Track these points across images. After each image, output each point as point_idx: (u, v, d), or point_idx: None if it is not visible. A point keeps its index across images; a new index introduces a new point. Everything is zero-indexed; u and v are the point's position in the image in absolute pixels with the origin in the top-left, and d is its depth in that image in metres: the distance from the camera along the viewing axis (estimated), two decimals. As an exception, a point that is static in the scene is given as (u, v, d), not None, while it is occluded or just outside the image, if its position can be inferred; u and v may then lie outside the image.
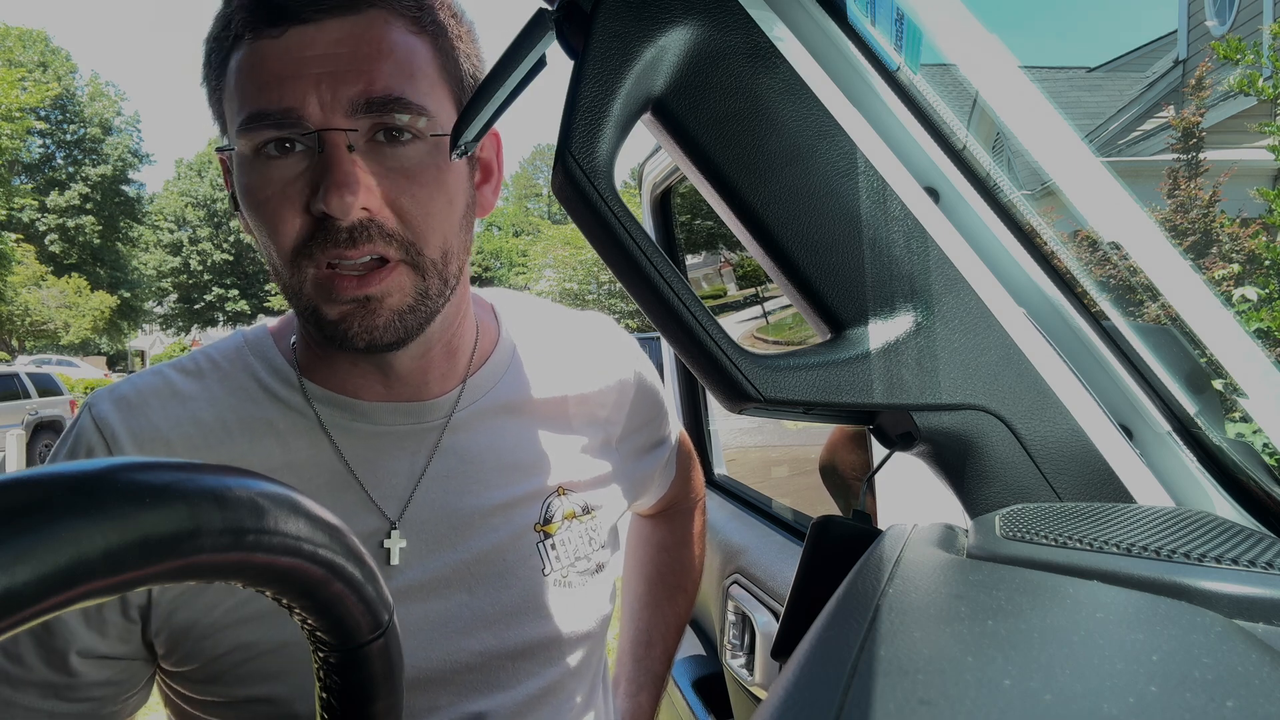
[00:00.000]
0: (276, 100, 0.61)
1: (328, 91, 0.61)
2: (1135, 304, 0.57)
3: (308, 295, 0.65)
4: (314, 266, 0.64)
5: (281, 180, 0.63)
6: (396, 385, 0.75)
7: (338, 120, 0.62)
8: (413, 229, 0.65)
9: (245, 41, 0.63)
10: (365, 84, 0.62)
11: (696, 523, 1.14)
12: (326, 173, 0.61)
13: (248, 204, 0.66)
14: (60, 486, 0.26)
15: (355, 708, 0.42)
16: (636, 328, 21.26)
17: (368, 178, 0.63)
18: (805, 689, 0.27)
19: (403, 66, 0.64)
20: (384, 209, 0.64)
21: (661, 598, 1.10)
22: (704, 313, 0.46)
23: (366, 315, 0.65)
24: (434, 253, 0.67)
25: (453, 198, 0.68)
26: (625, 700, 1.03)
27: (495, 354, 0.82)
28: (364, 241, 0.63)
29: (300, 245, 0.64)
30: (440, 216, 0.67)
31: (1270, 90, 3.95)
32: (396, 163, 0.64)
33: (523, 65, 0.52)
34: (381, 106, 0.62)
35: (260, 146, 0.63)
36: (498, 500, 0.76)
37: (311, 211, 0.63)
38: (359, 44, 0.62)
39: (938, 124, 0.55)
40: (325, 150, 0.62)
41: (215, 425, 0.71)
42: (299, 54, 0.62)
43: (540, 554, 0.78)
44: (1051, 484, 0.51)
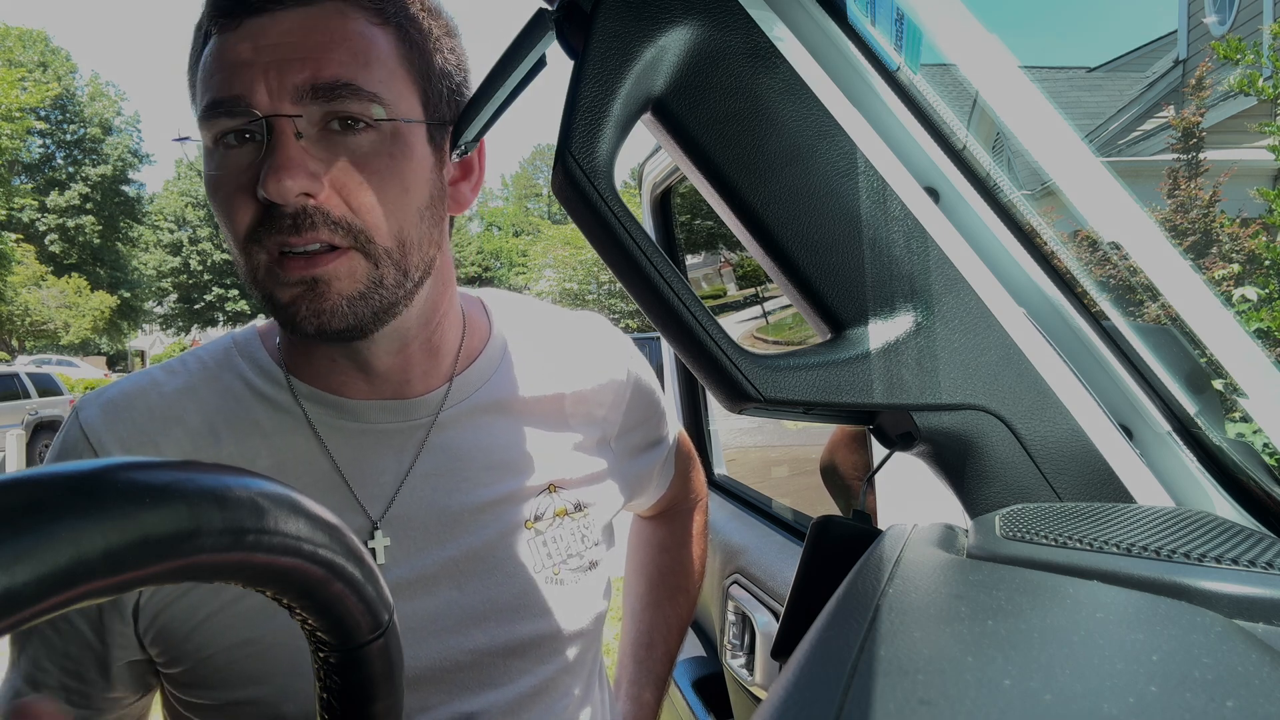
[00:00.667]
0: (227, 88, 0.62)
1: (275, 79, 0.62)
2: (1135, 304, 0.57)
3: (260, 280, 0.66)
4: (264, 252, 0.64)
5: (235, 168, 0.64)
6: (378, 382, 0.75)
7: (285, 107, 0.62)
8: (362, 216, 0.65)
9: (212, 36, 0.64)
10: (313, 70, 0.62)
11: (697, 523, 1.14)
12: (269, 157, 0.62)
13: (209, 193, 0.66)
14: (60, 486, 0.26)
15: (355, 708, 0.42)
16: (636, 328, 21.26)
17: (315, 164, 0.63)
18: (805, 689, 0.27)
19: (356, 55, 0.64)
20: (332, 196, 0.64)
21: (663, 598, 1.10)
22: (704, 313, 0.46)
23: (315, 298, 0.65)
24: (387, 241, 0.66)
25: (408, 187, 0.68)
26: (627, 701, 1.03)
27: (485, 352, 0.82)
28: (308, 229, 0.63)
29: (250, 231, 0.64)
30: (393, 205, 0.66)
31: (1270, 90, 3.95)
32: (347, 150, 0.64)
33: (523, 65, 0.52)
34: (328, 92, 0.62)
35: (219, 137, 0.64)
36: (487, 498, 0.76)
37: (259, 198, 0.63)
38: (310, 33, 0.63)
39: (938, 124, 0.55)
40: (271, 137, 0.62)
41: (202, 428, 0.71)
42: (251, 43, 0.62)
43: (531, 551, 0.78)
44: (1051, 484, 0.51)
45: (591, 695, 0.87)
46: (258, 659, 0.68)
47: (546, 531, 0.79)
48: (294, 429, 0.73)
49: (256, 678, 0.68)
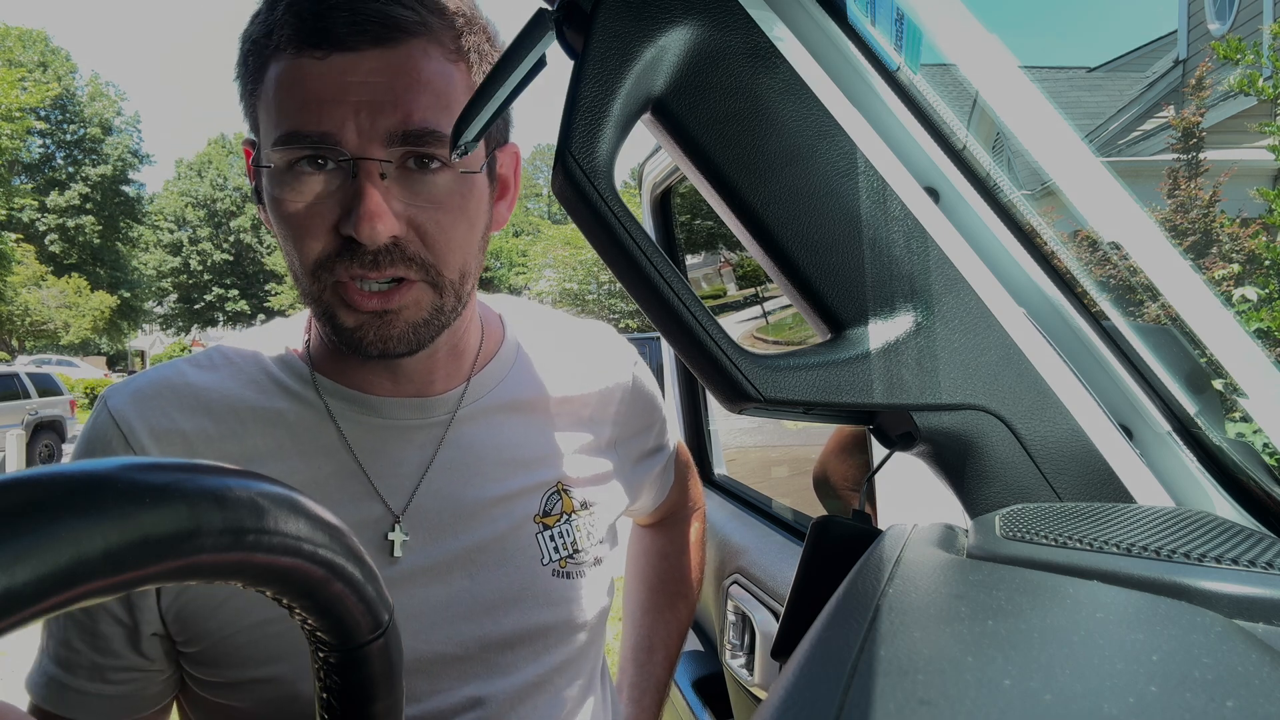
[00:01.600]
0: (315, 123, 0.63)
1: (366, 120, 0.63)
2: (1135, 304, 0.57)
3: (327, 302, 0.68)
4: (335, 279, 0.66)
5: (312, 196, 0.65)
6: (404, 382, 0.77)
7: (374, 149, 0.63)
8: (435, 253, 0.68)
9: (287, 55, 0.64)
10: (403, 116, 0.64)
11: (695, 530, 1.17)
12: (359, 200, 0.63)
13: (276, 213, 0.67)
14: (60, 486, 0.26)
15: (355, 708, 0.42)
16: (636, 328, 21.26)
17: (397, 205, 0.65)
18: (805, 689, 0.27)
19: (439, 98, 0.66)
20: (409, 233, 0.66)
21: (662, 604, 1.12)
22: (704, 313, 0.46)
23: (382, 326, 0.67)
24: (453, 274, 0.70)
25: (474, 222, 0.71)
26: (629, 706, 1.05)
27: (499, 355, 0.85)
28: (387, 265, 0.65)
29: (324, 260, 0.66)
30: (461, 241, 0.70)
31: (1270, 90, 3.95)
32: (425, 189, 0.67)
33: (523, 65, 0.52)
34: (417, 139, 0.64)
35: (294, 162, 0.65)
36: (499, 492, 0.79)
37: (340, 232, 0.65)
38: (398, 75, 0.64)
39: (938, 124, 0.55)
40: (359, 177, 0.64)
41: (229, 417, 0.73)
42: (339, 79, 0.63)
43: (539, 544, 0.81)
44: (1051, 484, 0.51)
45: (594, 689, 0.90)
46: (277, 638, 0.70)
47: (555, 527, 0.82)
48: (317, 423, 0.75)
49: (275, 656, 0.70)
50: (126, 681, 0.72)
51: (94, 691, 0.71)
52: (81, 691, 0.71)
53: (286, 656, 0.70)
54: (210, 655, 0.71)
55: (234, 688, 0.72)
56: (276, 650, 0.70)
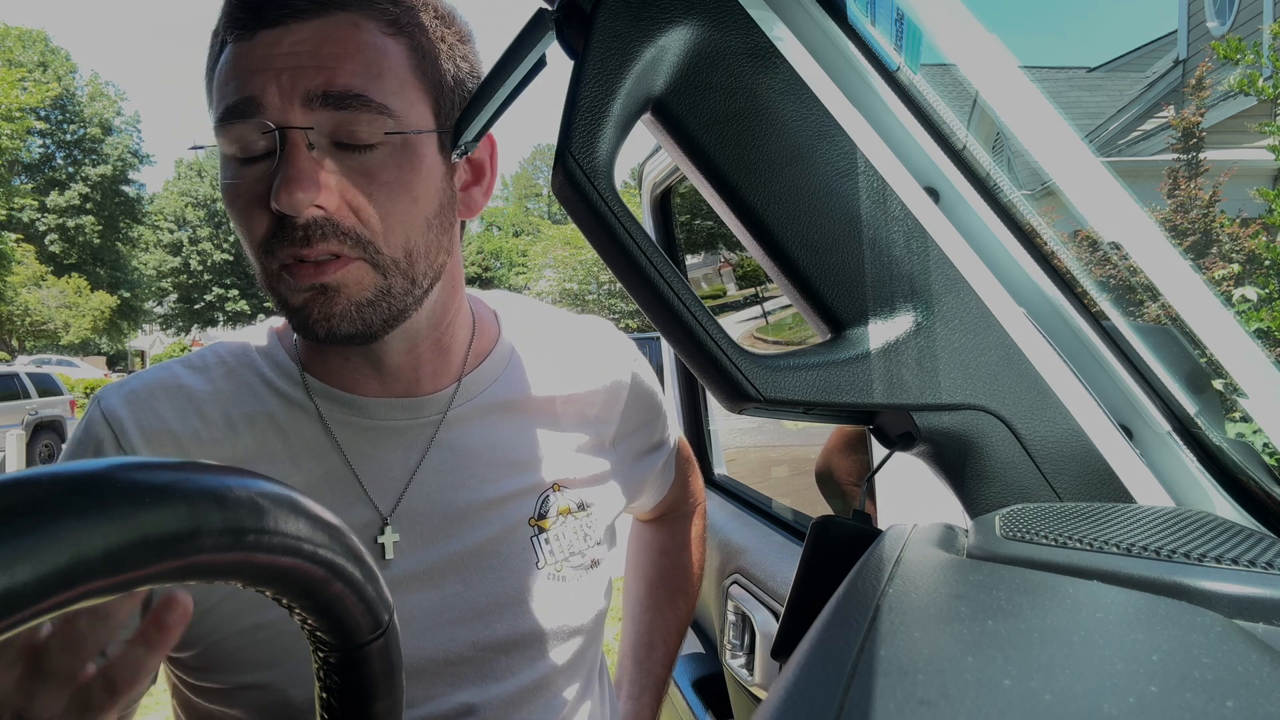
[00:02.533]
0: (239, 92, 0.63)
1: (287, 83, 0.62)
2: (1135, 304, 0.57)
3: (274, 285, 0.67)
4: (276, 261, 0.66)
5: (250, 178, 0.65)
6: (389, 380, 0.76)
7: (295, 113, 0.63)
8: (370, 228, 0.66)
9: (228, 44, 0.65)
10: (326, 78, 0.63)
11: (696, 527, 1.16)
12: (281, 170, 0.63)
13: (225, 200, 0.68)
14: (60, 486, 0.26)
15: (355, 708, 0.42)
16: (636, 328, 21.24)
17: (326, 176, 0.64)
18: (805, 689, 0.27)
19: (369, 65, 0.65)
20: (342, 207, 0.65)
21: (662, 601, 1.11)
22: (704, 313, 0.46)
23: (325, 303, 0.66)
24: (394, 252, 0.67)
25: (417, 197, 0.69)
26: (627, 703, 1.04)
27: (493, 353, 0.83)
28: (318, 240, 0.64)
29: (264, 241, 0.66)
30: (401, 216, 0.67)
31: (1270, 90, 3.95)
32: (357, 162, 0.65)
33: (523, 65, 0.52)
34: (339, 101, 0.63)
35: (234, 145, 0.65)
36: (492, 495, 0.78)
37: (272, 209, 0.64)
38: (323, 43, 0.63)
39: (938, 124, 0.55)
40: (284, 148, 0.63)
41: (220, 419, 0.73)
42: (265, 52, 0.63)
43: (534, 548, 0.79)
44: (1051, 484, 0.51)
45: (591, 692, 0.88)
46: (267, 644, 0.69)
47: (550, 529, 0.81)
48: (307, 424, 0.74)
49: (265, 662, 0.70)
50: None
51: None
52: None
53: (277, 662, 0.69)
54: (201, 661, 0.71)
55: (225, 694, 0.71)
56: (267, 656, 0.69)
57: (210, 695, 0.72)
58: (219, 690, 0.72)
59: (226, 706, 0.72)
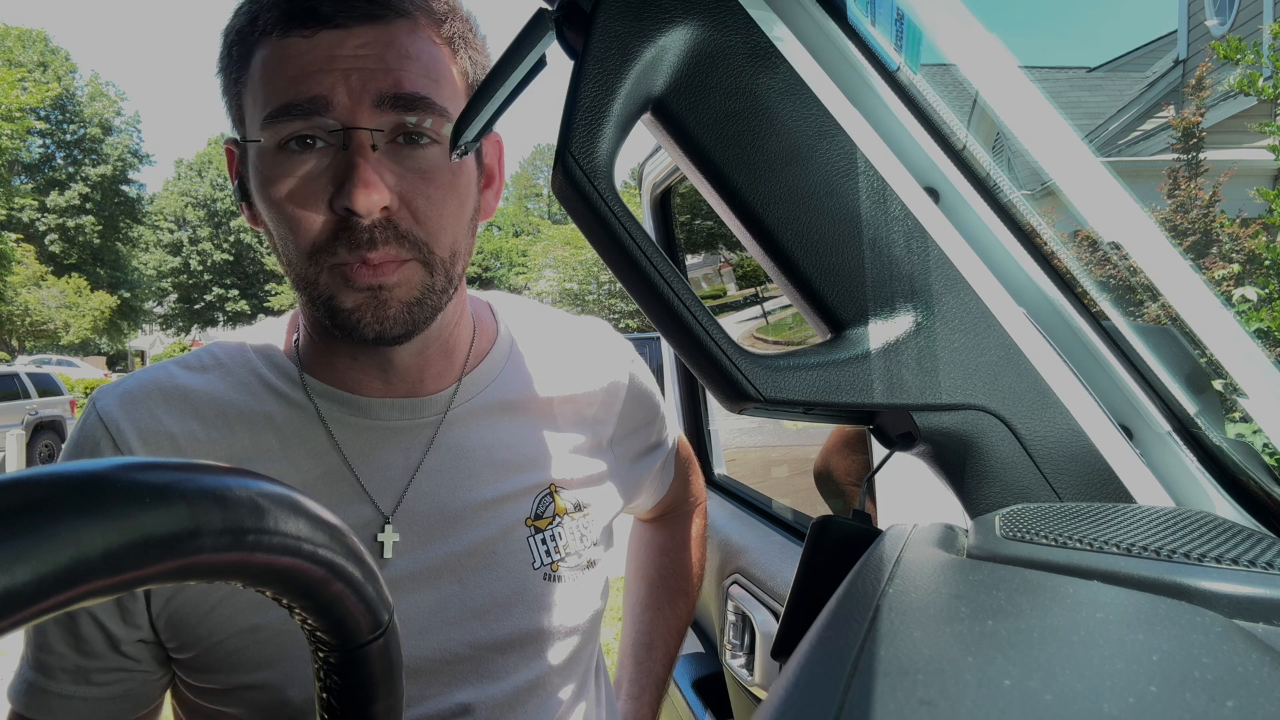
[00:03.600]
0: (305, 91, 0.63)
1: (357, 84, 0.63)
2: (1135, 304, 0.57)
3: (324, 284, 0.67)
4: (334, 260, 0.66)
5: (305, 176, 0.65)
6: (395, 381, 0.76)
7: (364, 115, 0.64)
8: (427, 229, 0.68)
9: (273, 39, 0.65)
10: (394, 81, 0.64)
11: (697, 526, 1.16)
12: (352, 170, 0.63)
13: (267, 198, 0.67)
14: (60, 486, 0.26)
15: (355, 708, 0.42)
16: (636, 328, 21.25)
17: (389, 177, 0.65)
18: (805, 689, 0.27)
19: (429, 70, 0.66)
20: (401, 209, 0.66)
21: (663, 600, 1.11)
22: (704, 313, 0.46)
23: (379, 306, 0.67)
24: (444, 252, 0.69)
25: (463, 200, 0.71)
26: (627, 702, 1.04)
27: (492, 353, 0.84)
28: (383, 244, 0.65)
29: (322, 242, 0.66)
30: (452, 218, 0.69)
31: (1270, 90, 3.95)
32: (415, 164, 0.67)
33: (523, 65, 0.52)
34: (409, 104, 0.65)
35: (284, 141, 0.65)
36: (490, 495, 0.78)
37: (334, 209, 0.65)
38: (387, 48, 0.65)
39: (938, 124, 0.55)
40: (350, 148, 0.64)
41: (217, 419, 0.73)
42: (328, 52, 0.64)
43: (530, 548, 0.80)
44: (1051, 484, 0.51)
45: (587, 692, 0.89)
46: (266, 644, 0.70)
47: (546, 530, 0.81)
48: (306, 424, 0.75)
49: (264, 663, 0.70)
50: (113, 682, 0.72)
51: (79, 695, 0.70)
52: (64, 695, 0.70)
53: (277, 663, 0.69)
54: (202, 661, 0.71)
55: (225, 694, 0.71)
56: (267, 656, 0.70)
57: (210, 695, 0.73)
58: (219, 690, 0.72)
59: (226, 706, 0.72)
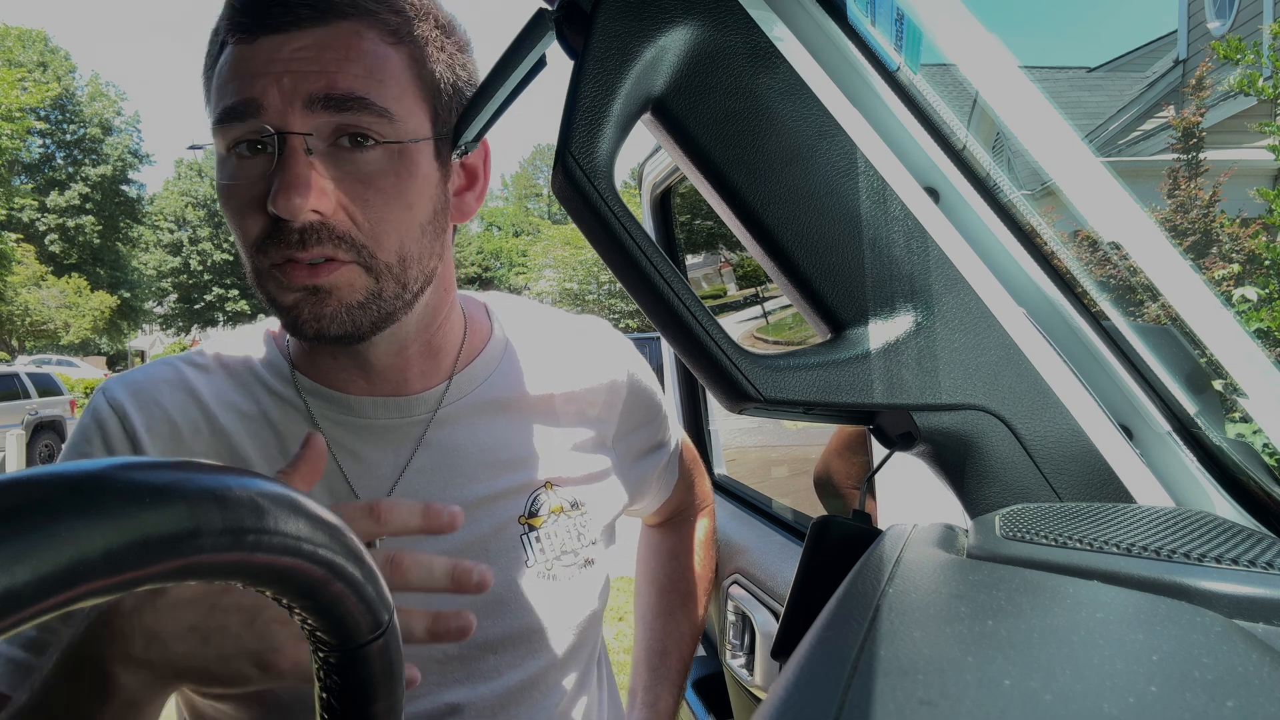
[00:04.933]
0: (239, 94, 0.64)
1: (289, 86, 0.63)
2: (1135, 304, 0.57)
3: (265, 284, 0.68)
4: (270, 261, 0.67)
5: (247, 179, 0.66)
6: (376, 380, 0.77)
7: (296, 116, 0.64)
8: (365, 233, 0.67)
9: (229, 44, 0.66)
10: (328, 82, 0.64)
11: (705, 529, 1.15)
12: (280, 174, 0.63)
13: (220, 199, 0.69)
14: (60, 486, 0.26)
15: (355, 708, 0.42)
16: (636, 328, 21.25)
17: (323, 181, 0.65)
18: (805, 689, 0.27)
19: (371, 71, 0.66)
20: (338, 212, 0.66)
21: (674, 605, 1.11)
22: (704, 313, 0.46)
23: (316, 304, 0.67)
24: (388, 257, 0.68)
25: (412, 203, 0.69)
26: (643, 710, 1.03)
27: (485, 351, 0.84)
28: (313, 244, 0.65)
29: (259, 242, 0.67)
30: (396, 222, 0.68)
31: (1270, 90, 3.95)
32: (354, 167, 0.66)
33: (523, 65, 0.52)
34: (340, 104, 0.64)
35: (232, 146, 0.66)
36: (481, 493, 0.78)
37: (268, 211, 0.65)
38: (325, 49, 0.65)
39: (938, 124, 0.55)
40: (283, 152, 0.64)
41: (219, 414, 0.75)
42: (267, 56, 0.64)
43: (524, 546, 0.79)
44: (1051, 484, 0.51)
45: (586, 691, 0.88)
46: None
47: (541, 528, 0.81)
48: (297, 422, 0.76)
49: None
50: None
51: None
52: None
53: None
54: None
55: (228, 695, 0.71)
56: None
57: (214, 694, 0.72)
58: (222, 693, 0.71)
59: (232, 702, 0.72)
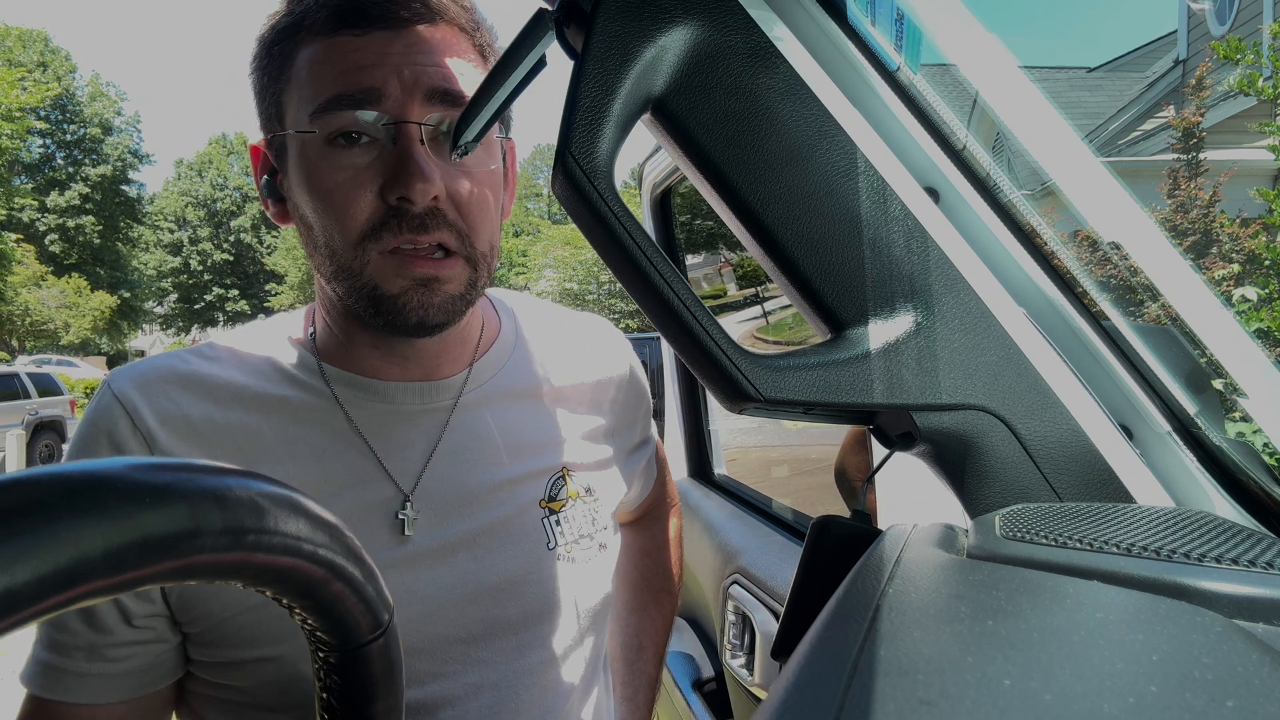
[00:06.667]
0: (357, 83, 0.66)
1: (410, 76, 0.67)
2: (1135, 304, 0.57)
3: (370, 272, 0.70)
4: (382, 247, 0.69)
5: (353, 167, 0.68)
6: (412, 367, 0.79)
7: (414, 108, 0.67)
8: (469, 221, 0.71)
9: (321, 38, 0.68)
10: (444, 77, 0.68)
11: (674, 526, 1.18)
12: (406, 161, 0.66)
13: (314, 188, 0.69)
14: (60, 486, 0.26)
15: (355, 708, 0.42)
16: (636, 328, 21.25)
17: (437, 170, 0.68)
18: (805, 689, 0.27)
19: (468, 73, 0.71)
20: (447, 201, 0.69)
21: (648, 601, 1.13)
22: (704, 313, 0.46)
23: (425, 294, 0.70)
24: (484, 245, 0.73)
25: (497, 196, 0.75)
26: (622, 704, 1.05)
27: (499, 341, 0.87)
28: (433, 228, 0.68)
29: (369, 230, 0.68)
30: (488, 214, 0.73)
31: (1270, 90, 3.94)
32: (458, 161, 0.70)
33: (523, 65, 0.52)
34: (457, 100, 0.68)
35: (332, 136, 0.68)
36: (504, 476, 0.80)
37: (384, 198, 0.68)
38: (439, 47, 0.69)
39: (938, 124, 0.55)
40: (400, 141, 0.67)
41: (233, 403, 0.74)
42: (380, 49, 0.67)
43: (545, 528, 0.81)
44: (1051, 484, 0.51)
45: (597, 678, 0.90)
46: (279, 619, 0.70)
47: (560, 511, 0.83)
48: (325, 409, 0.76)
49: (278, 637, 0.70)
50: (128, 658, 0.71)
51: (93, 671, 0.70)
52: (80, 674, 0.69)
53: (289, 637, 0.70)
54: (212, 636, 0.71)
55: (236, 667, 0.72)
56: (279, 631, 0.70)
57: (220, 669, 0.72)
58: (230, 664, 0.72)
59: (236, 680, 0.72)
